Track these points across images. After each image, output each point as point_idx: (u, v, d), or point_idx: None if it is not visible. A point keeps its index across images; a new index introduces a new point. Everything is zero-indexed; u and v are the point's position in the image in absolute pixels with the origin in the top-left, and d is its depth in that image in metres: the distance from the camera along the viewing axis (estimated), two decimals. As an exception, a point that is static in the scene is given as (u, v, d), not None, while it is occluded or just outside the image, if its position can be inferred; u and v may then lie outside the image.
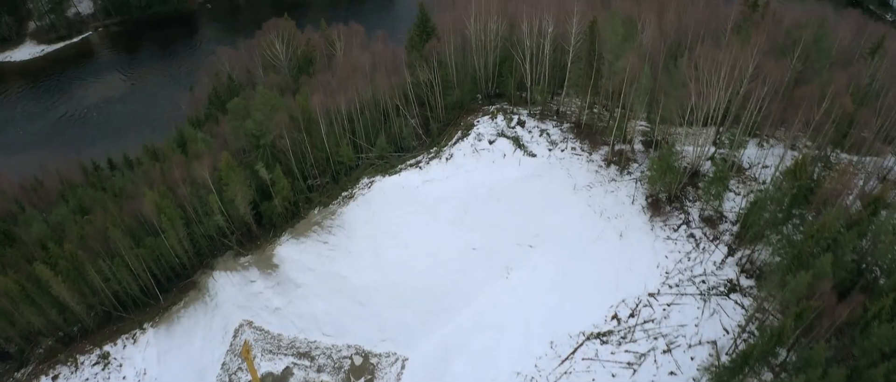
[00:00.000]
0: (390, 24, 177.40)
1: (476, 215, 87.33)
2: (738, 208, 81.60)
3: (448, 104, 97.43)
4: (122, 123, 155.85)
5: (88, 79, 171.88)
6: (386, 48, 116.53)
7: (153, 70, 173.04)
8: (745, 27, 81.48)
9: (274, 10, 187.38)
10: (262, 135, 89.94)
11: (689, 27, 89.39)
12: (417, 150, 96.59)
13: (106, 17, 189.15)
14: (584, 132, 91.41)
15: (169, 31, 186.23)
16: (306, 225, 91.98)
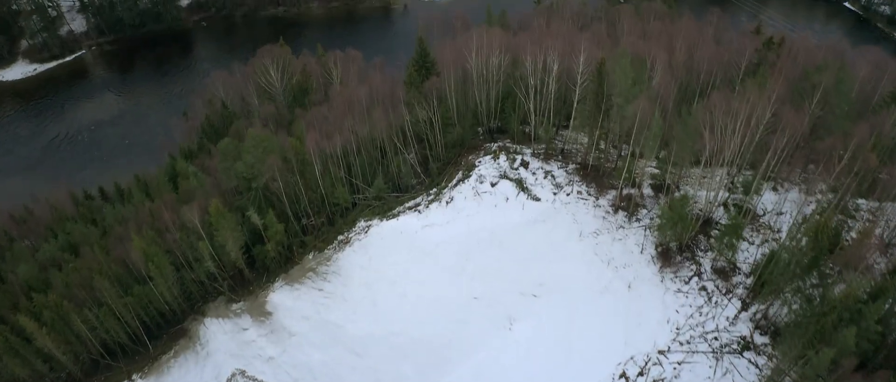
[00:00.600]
0: (389, 44, 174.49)
1: (477, 262, 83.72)
2: (752, 258, 77.91)
3: (448, 142, 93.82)
4: (114, 147, 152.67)
5: (81, 100, 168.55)
6: (383, 79, 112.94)
7: (147, 90, 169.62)
8: (761, 71, 77.76)
9: (270, 29, 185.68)
10: (254, 178, 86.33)
11: (700, 66, 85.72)
12: (416, 190, 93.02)
13: (99, 36, 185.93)
14: (590, 174, 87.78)
15: (163, 49, 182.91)
16: (301, 271, 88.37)
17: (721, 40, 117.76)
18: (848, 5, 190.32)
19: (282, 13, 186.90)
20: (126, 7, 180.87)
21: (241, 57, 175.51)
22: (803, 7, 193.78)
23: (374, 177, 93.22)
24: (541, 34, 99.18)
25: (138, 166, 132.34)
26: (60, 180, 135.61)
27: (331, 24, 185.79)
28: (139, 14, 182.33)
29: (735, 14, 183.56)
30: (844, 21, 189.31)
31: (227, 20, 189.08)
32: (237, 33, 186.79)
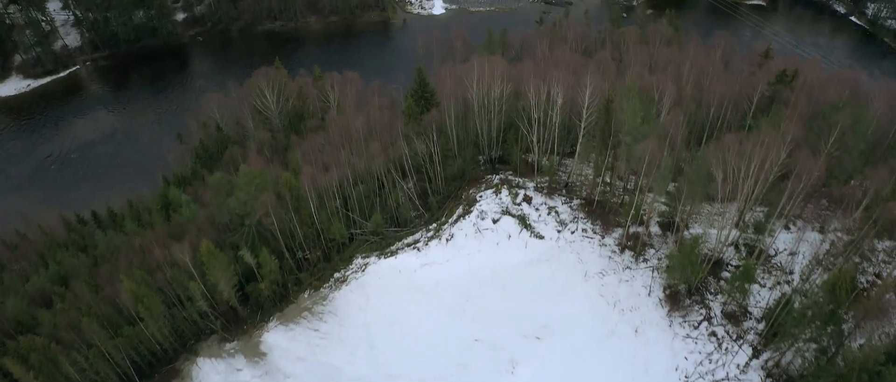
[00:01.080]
0: (387, 60, 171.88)
1: (478, 303, 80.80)
2: (764, 302, 75.03)
3: (449, 175, 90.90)
4: (107, 166, 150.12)
5: (75, 116, 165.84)
6: (381, 104, 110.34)
7: (142, 107, 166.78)
8: (774, 110, 74.69)
9: (267, 44, 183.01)
10: (247, 214, 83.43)
11: (711, 99, 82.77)
12: (415, 224, 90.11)
13: (94, 51, 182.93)
14: (596, 211, 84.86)
15: (159, 64, 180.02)
16: (296, 310, 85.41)
17: (729, 63, 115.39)
18: (854, 19, 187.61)
19: (279, 28, 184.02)
20: (121, 22, 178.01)
21: (238, 72, 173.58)
22: (808, 21, 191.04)
23: (372, 210, 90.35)
24: (544, 63, 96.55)
25: (132, 187, 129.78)
26: (53, 202, 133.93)
27: (329, 39, 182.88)
28: (134, 29, 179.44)
29: (738, 29, 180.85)
30: (850, 36, 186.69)
31: (223, 35, 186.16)
32: (234, 48, 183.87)
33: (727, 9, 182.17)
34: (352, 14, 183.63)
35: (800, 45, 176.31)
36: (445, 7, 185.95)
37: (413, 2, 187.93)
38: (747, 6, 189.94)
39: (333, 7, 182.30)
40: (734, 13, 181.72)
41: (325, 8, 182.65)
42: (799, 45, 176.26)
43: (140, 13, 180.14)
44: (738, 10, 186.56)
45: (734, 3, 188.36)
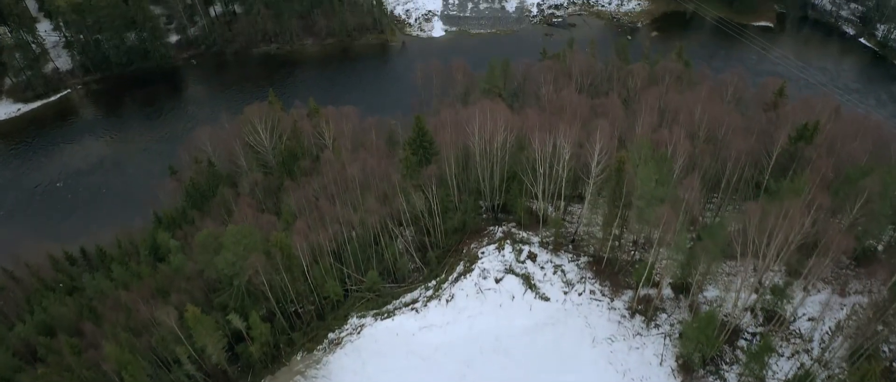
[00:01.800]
0: (385, 84, 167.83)
1: (480, 371, 76.37)
2: (782, 373, 70.68)
3: (449, 228, 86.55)
4: (96, 196, 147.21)
5: (65, 143, 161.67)
6: (378, 148, 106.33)
7: (135, 134, 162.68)
8: (797, 178, 70.15)
9: (262, 68, 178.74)
10: (236, 275, 79.11)
11: (727, 155, 78.30)
12: (414, 279, 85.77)
13: (85, 74, 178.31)
14: (604, 270, 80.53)
15: (152, 88, 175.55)
16: (288, 374, 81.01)
17: (741, 99, 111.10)
18: (863, 41, 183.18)
19: (274, 51, 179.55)
20: (112, 45, 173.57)
21: (233, 97, 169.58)
22: (816, 42, 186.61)
23: (368, 265, 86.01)
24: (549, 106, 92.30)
25: (121, 219, 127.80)
26: (41, 233, 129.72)
27: (325, 62, 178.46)
28: (126, 52, 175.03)
29: (744, 51, 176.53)
30: (859, 58, 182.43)
31: (217, 57, 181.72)
32: (228, 71, 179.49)
33: (732, 31, 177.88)
34: (349, 36, 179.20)
35: (807, 70, 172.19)
36: (445, 29, 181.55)
37: (412, 24, 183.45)
38: (754, 28, 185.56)
39: (330, 30, 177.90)
40: (740, 36, 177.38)
41: (321, 31, 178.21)
42: (806, 69, 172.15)
43: (132, 35, 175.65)
44: (744, 31, 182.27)
45: (740, 25, 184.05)
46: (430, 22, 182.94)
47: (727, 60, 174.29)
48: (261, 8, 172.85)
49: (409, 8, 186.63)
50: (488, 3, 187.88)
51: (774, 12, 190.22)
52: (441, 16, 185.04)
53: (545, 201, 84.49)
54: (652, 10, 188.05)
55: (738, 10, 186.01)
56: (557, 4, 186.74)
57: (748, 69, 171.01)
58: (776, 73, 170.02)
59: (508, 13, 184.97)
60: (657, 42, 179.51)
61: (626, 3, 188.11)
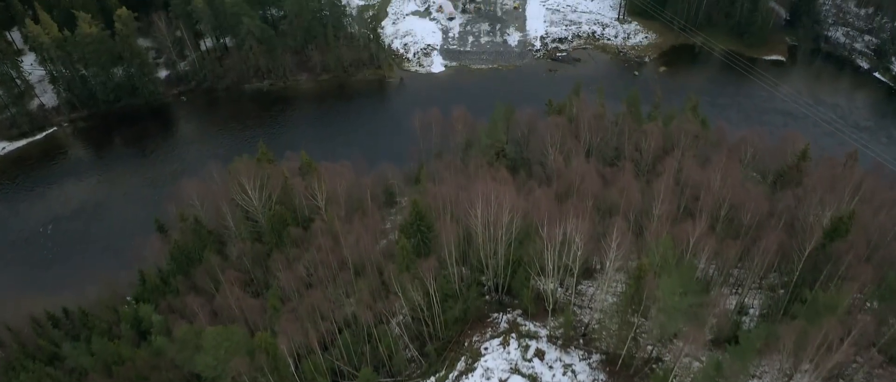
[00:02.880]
0: (383, 124, 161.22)
1: None
2: None
3: (449, 319, 79.70)
4: (83, 244, 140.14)
5: (51, 185, 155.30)
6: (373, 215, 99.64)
7: (123, 175, 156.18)
8: (834, 288, 63.54)
9: (255, 105, 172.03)
10: (217, 378, 72.32)
11: (754, 251, 71.47)
12: (411, 373, 78.90)
13: (72, 111, 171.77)
14: (620, 372, 73.59)
15: (141, 126, 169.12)
16: None
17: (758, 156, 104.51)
18: (878, 76, 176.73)
19: (267, 87, 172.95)
20: (99, 81, 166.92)
21: (224, 137, 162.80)
22: (827, 77, 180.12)
23: (361, 358, 79.17)
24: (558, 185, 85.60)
25: (108, 268, 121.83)
26: (24, 285, 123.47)
27: (320, 99, 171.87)
28: (114, 89, 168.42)
29: (753, 87, 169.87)
30: (872, 93, 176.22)
31: (208, 94, 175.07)
32: (220, 108, 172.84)
33: (742, 68, 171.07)
34: (345, 72, 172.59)
35: (818, 107, 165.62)
36: (445, 65, 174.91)
37: (410, 58, 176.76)
38: (765, 62, 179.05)
39: (325, 65, 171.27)
40: (748, 72, 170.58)
41: (316, 66, 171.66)
42: (817, 107, 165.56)
43: (119, 71, 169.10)
44: (754, 67, 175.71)
45: (750, 59, 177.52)
46: (430, 56, 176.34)
47: (735, 97, 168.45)
48: (253, 43, 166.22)
49: (408, 42, 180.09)
50: (490, 36, 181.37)
51: (786, 45, 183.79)
52: (441, 50, 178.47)
53: (554, 283, 77.60)
54: (659, 43, 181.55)
55: (749, 43, 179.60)
56: (561, 38, 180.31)
57: (757, 107, 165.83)
58: (786, 111, 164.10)
59: (511, 47, 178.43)
60: (666, 78, 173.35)
61: (632, 37, 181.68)
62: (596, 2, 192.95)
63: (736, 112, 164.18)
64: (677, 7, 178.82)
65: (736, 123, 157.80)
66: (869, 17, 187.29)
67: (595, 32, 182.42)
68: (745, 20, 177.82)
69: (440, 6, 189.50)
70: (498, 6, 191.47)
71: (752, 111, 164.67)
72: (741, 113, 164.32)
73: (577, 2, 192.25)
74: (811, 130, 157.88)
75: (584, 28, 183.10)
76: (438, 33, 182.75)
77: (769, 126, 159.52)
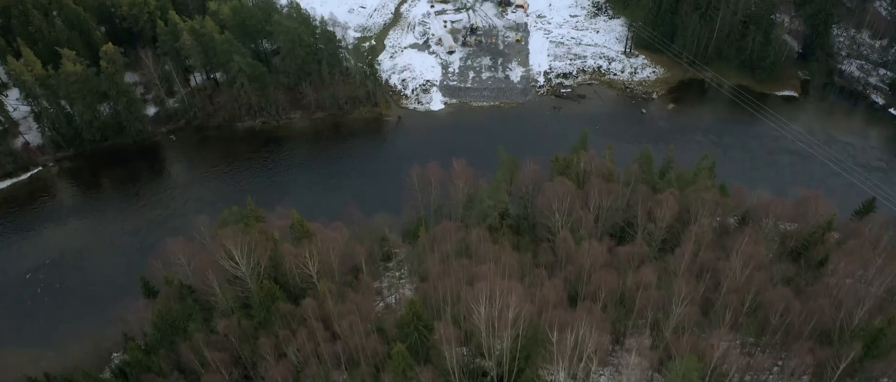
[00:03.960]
0: (379, 165, 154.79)
1: None
2: None
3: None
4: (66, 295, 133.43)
5: (36, 229, 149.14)
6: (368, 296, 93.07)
7: (110, 220, 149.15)
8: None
9: (248, 144, 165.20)
10: None
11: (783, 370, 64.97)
12: None
13: (57, 150, 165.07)
14: None
15: (130, 166, 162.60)
16: None
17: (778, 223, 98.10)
18: (893, 112, 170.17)
19: (260, 125, 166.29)
20: (85, 120, 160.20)
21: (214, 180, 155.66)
22: (841, 113, 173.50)
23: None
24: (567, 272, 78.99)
25: (91, 324, 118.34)
26: (5, 341, 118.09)
27: (315, 138, 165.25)
28: (100, 128, 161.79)
29: (762, 124, 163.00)
30: (886, 130, 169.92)
31: (199, 132, 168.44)
32: (211, 147, 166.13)
33: (750, 106, 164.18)
34: (340, 110, 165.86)
35: (831, 146, 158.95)
36: (445, 102, 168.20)
37: (409, 95, 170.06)
38: (777, 98, 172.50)
39: (320, 103, 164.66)
40: (758, 109, 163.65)
41: (310, 104, 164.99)
42: (830, 145, 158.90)
43: (106, 108, 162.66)
44: (766, 102, 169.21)
45: (761, 95, 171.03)
46: (429, 93, 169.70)
47: (742, 136, 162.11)
48: (244, 81, 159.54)
49: (406, 77, 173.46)
50: (491, 72, 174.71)
51: (799, 80, 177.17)
52: (440, 86, 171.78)
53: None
54: (667, 78, 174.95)
55: (760, 78, 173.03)
56: (566, 73, 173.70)
57: (765, 146, 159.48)
58: (794, 150, 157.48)
59: (513, 84, 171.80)
60: (675, 117, 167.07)
61: (640, 72, 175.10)
62: (602, 34, 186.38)
63: (741, 152, 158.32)
64: (686, 40, 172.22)
65: (741, 165, 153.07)
66: (883, 49, 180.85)
67: (601, 67, 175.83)
68: (756, 55, 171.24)
69: (440, 39, 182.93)
70: (500, 39, 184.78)
71: (758, 151, 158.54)
72: (746, 153, 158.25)
73: (582, 34, 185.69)
74: (819, 170, 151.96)
75: (589, 62, 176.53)
76: (438, 68, 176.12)
77: (776, 167, 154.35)
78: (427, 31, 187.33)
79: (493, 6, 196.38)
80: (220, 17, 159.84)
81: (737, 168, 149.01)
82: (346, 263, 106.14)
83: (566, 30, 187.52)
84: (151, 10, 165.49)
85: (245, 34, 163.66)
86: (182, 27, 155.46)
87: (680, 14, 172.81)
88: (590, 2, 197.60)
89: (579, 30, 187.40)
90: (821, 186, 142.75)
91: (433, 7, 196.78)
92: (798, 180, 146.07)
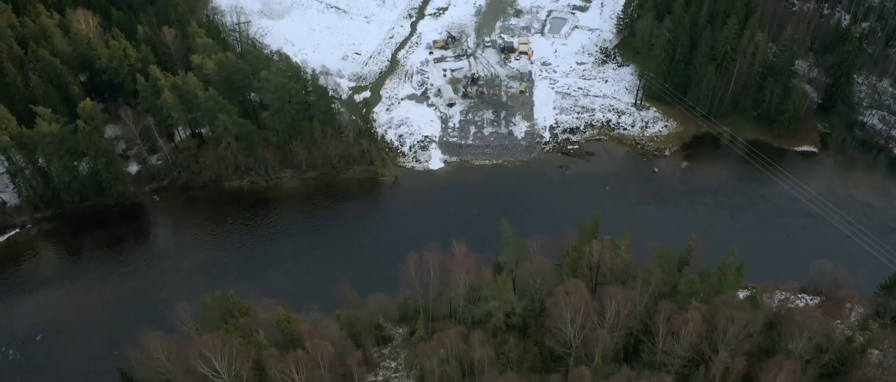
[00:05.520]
0: (375, 231, 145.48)
1: None
2: None
3: None
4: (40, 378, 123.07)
5: (8, 299, 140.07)
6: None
7: (89, 289, 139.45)
8: None
9: (235, 206, 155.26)
10: None
11: None
12: None
13: (35, 211, 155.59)
14: None
15: (112, 228, 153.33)
16: None
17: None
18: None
19: (248, 186, 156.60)
20: (63, 181, 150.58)
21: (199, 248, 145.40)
22: (859, 168, 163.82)
23: None
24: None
25: None
26: None
27: (307, 199, 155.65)
28: (79, 189, 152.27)
29: (772, 183, 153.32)
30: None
31: (184, 191, 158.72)
32: (196, 210, 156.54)
33: (765, 167, 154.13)
34: (333, 169, 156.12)
35: (848, 206, 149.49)
36: (444, 160, 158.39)
37: (406, 153, 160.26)
38: (795, 153, 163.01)
39: (311, 162, 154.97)
40: (772, 170, 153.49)
41: (301, 163, 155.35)
42: (847, 206, 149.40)
43: (85, 166, 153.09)
44: (783, 157, 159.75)
45: (779, 150, 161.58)
46: (427, 150, 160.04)
47: (754, 197, 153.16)
48: (231, 140, 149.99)
49: (403, 133, 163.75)
50: (494, 127, 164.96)
51: (818, 134, 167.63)
52: (440, 143, 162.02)
53: None
54: (680, 133, 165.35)
55: (778, 133, 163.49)
56: (573, 128, 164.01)
57: (777, 208, 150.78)
58: (807, 212, 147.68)
59: (517, 140, 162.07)
60: (688, 176, 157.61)
61: (651, 126, 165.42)
62: (610, 84, 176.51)
63: (751, 214, 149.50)
64: (700, 93, 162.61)
65: (750, 228, 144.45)
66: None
67: (610, 121, 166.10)
68: (775, 108, 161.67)
69: (439, 90, 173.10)
70: (502, 89, 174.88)
71: (769, 213, 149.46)
72: (757, 215, 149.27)
73: (590, 84, 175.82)
74: (832, 233, 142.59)
75: (597, 116, 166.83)
76: (437, 122, 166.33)
77: (787, 228, 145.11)
78: (425, 81, 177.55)
79: (495, 53, 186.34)
80: (204, 72, 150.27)
81: (745, 233, 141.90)
82: (337, 368, 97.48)
83: (573, 79, 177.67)
84: (133, 62, 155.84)
85: (231, 89, 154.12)
86: (163, 84, 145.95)
87: (694, 65, 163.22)
88: (597, 48, 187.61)
89: (587, 79, 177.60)
90: (834, 251, 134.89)
91: (432, 53, 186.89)
92: (811, 245, 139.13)
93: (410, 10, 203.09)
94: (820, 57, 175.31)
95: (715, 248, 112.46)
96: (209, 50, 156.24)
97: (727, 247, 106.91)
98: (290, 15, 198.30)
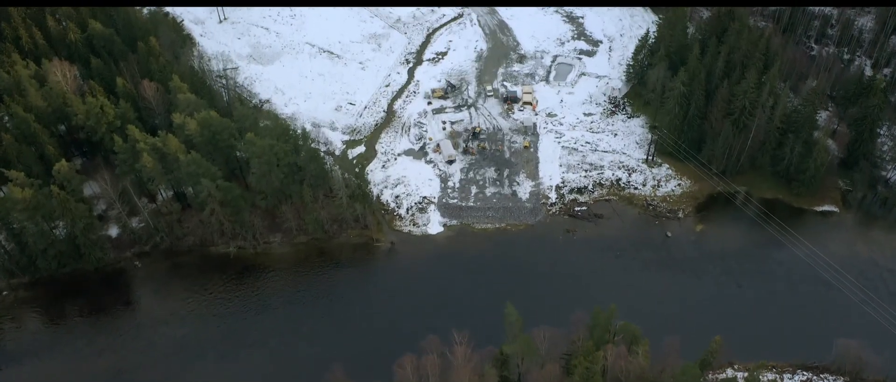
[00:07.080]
0: (370, 303, 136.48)
1: None
2: None
3: None
4: None
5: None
6: None
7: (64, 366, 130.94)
8: None
9: (222, 274, 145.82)
10: None
11: None
12: None
13: (10, 277, 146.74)
14: None
15: (92, 296, 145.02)
16: None
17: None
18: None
19: (236, 251, 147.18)
20: (39, 248, 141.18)
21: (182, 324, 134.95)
22: (883, 230, 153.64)
23: None
24: None
25: None
26: None
27: (297, 266, 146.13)
28: (56, 256, 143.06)
29: (787, 246, 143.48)
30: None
31: (167, 257, 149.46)
32: (181, 276, 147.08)
33: (779, 233, 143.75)
34: (325, 234, 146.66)
35: (867, 274, 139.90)
36: (444, 223, 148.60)
37: (403, 215, 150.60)
38: (814, 213, 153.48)
39: (302, 227, 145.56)
40: (786, 234, 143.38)
41: (291, 228, 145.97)
42: (866, 274, 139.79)
43: (61, 229, 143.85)
44: (802, 218, 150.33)
45: (798, 210, 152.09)
46: (426, 213, 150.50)
47: (765, 262, 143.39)
48: (215, 206, 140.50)
49: (400, 194, 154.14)
50: (496, 187, 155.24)
51: (839, 192, 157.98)
52: (439, 204, 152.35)
53: None
54: (694, 192, 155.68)
55: (797, 192, 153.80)
56: (580, 188, 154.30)
57: (788, 275, 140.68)
58: (822, 279, 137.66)
59: (521, 201, 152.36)
60: (703, 240, 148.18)
61: (663, 184, 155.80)
62: (620, 137, 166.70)
63: (762, 282, 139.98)
64: (715, 149, 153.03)
65: (758, 299, 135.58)
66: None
67: (620, 180, 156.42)
68: (794, 166, 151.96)
69: (437, 145, 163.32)
70: (505, 145, 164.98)
71: (780, 281, 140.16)
72: (767, 285, 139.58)
73: (598, 138, 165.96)
74: (846, 300, 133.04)
75: (606, 174, 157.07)
76: (436, 181, 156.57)
77: (800, 298, 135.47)
78: (424, 135, 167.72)
79: (498, 103, 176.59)
80: (186, 133, 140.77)
81: (763, 304, 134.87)
82: None
83: (580, 132, 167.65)
84: (111, 120, 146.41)
85: (217, 149, 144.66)
86: (141, 147, 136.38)
87: (709, 120, 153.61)
88: (606, 97, 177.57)
89: (595, 132, 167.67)
90: (841, 324, 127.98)
91: (430, 103, 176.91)
92: (824, 316, 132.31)
93: (408, 55, 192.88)
94: (841, 108, 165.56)
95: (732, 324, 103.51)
96: (192, 106, 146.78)
97: (747, 322, 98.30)
98: (280, 60, 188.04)
